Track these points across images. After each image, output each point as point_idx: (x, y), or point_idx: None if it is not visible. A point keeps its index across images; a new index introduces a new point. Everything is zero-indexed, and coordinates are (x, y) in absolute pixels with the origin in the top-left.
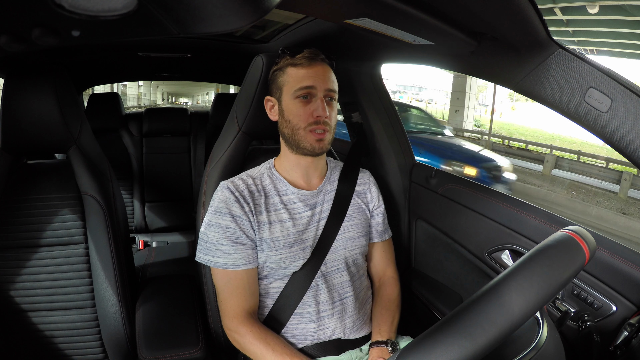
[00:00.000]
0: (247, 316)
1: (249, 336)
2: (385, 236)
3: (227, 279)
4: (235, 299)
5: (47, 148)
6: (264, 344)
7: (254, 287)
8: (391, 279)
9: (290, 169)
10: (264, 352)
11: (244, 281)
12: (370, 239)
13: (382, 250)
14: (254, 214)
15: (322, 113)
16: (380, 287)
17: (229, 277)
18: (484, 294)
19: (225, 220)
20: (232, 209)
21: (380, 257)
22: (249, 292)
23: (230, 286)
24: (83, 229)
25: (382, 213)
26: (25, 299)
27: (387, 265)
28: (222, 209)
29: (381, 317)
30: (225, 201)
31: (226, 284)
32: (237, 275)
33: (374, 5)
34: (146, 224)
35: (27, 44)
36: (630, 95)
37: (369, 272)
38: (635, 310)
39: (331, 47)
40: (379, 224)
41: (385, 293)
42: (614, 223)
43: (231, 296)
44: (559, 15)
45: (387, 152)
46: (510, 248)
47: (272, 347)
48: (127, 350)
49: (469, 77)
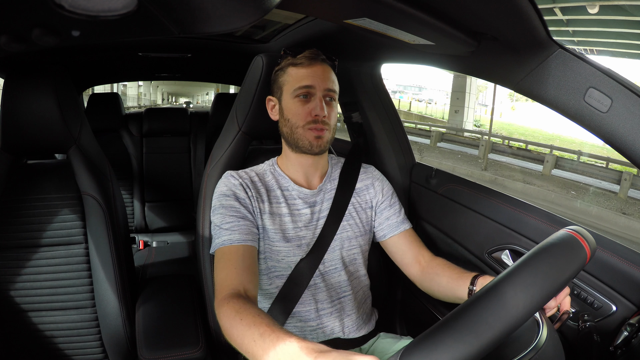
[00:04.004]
0: (235, 292)
1: (225, 308)
2: (402, 227)
3: (220, 255)
4: (224, 272)
5: (47, 148)
6: (235, 314)
7: (250, 263)
8: (434, 259)
9: (291, 168)
10: (232, 323)
11: (239, 255)
12: (384, 236)
13: (406, 241)
14: (256, 200)
15: (320, 112)
16: (431, 269)
17: (223, 252)
18: (486, 292)
19: (228, 200)
20: (236, 191)
21: (407, 248)
22: (242, 267)
23: (223, 261)
24: (83, 229)
25: (392, 206)
26: (25, 299)
27: (419, 251)
28: (226, 191)
29: (457, 272)
30: (229, 186)
31: (219, 259)
32: (231, 249)
33: (374, 5)
34: (146, 224)
35: (27, 44)
36: (630, 95)
37: (403, 268)
38: (635, 310)
39: (331, 47)
40: (391, 216)
41: (440, 266)
42: (614, 223)
43: (222, 271)
44: (559, 15)
45: (387, 152)
46: (510, 248)
47: (241, 317)
48: (127, 350)
49: (469, 77)
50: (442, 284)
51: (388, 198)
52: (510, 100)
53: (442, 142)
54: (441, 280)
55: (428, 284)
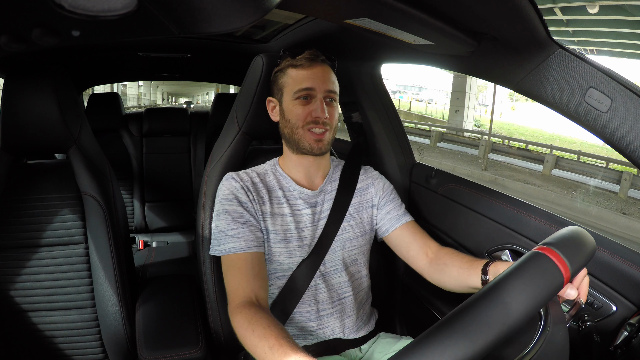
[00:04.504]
0: (247, 300)
1: (239, 318)
2: (404, 220)
3: (229, 262)
4: (235, 280)
5: (47, 148)
6: (247, 324)
7: (259, 269)
8: (442, 249)
9: (293, 168)
10: (245, 334)
11: (248, 262)
12: (387, 231)
13: (410, 233)
14: (257, 202)
15: (320, 114)
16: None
17: (232, 260)
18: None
19: (232, 205)
20: (238, 195)
21: (412, 239)
22: (251, 274)
23: (233, 269)
24: (83, 229)
25: (392, 200)
26: (25, 299)
27: (425, 242)
28: (228, 195)
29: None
30: (231, 189)
31: (229, 267)
32: (240, 257)
33: (374, 5)
34: (146, 224)
35: (27, 44)
36: (630, 95)
37: (410, 261)
38: (635, 310)
39: (331, 47)
40: (391, 210)
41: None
42: (614, 223)
43: (233, 279)
44: (559, 15)
45: (387, 152)
46: (510, 248)
47: (253, 327)
48: (127, 350)
49: (469, 77)
50: (452, 274)
51: (388, 193)
52: (510, 100)
53: (442, 142)
54: (451, 271)
55: (438, 275)
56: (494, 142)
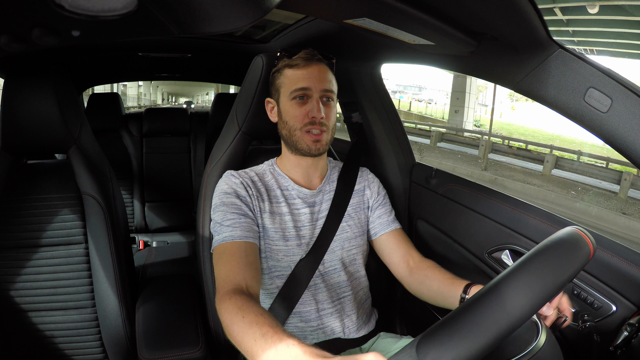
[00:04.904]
0: (237, 288)
1: (227, 304)
2: (392, 227)
3: (222, 250)
4: (227, 267)
5: (47, 148)
6: (237, 310)
7: (253, 259)
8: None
9: (291, 169)
10: (234, 320)
11: (242, 250)
12: (375, 234)
13: (395, 240)
14: (256, 199)
15: (317, 114)
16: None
17: (225, 248)
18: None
19: (230, 198)
20: (237, 189)
21: (396, 247)
22: (244, 262)
23: (225, 256)
24: (83, 229)
25: (384, 205)
26: (25, 299)
27: (407, 251)
28: (227, 189)
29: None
30: (230, 184)
31: (221, 255)
32: (234, 245)
33: (374, 5)
34: (146, 224)
35: (27, 44)
36: (630, 95)
37: (391, 268)
38: (635, 310)
39: (331, 47)
40: (382, 215)
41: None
42: (614, 223)
43: (224, 266)
44: (559, 15)
45: (387, 152)
46: (510, 248)
47: (243, 314)
48: (127, 350)
49: (469, 77)
50: (432, 287)
51: (382, 197)
52: (510, 100)
53: (442, 142)
54: (432, 284)
55: (417, 286)
56: (494, 142)
